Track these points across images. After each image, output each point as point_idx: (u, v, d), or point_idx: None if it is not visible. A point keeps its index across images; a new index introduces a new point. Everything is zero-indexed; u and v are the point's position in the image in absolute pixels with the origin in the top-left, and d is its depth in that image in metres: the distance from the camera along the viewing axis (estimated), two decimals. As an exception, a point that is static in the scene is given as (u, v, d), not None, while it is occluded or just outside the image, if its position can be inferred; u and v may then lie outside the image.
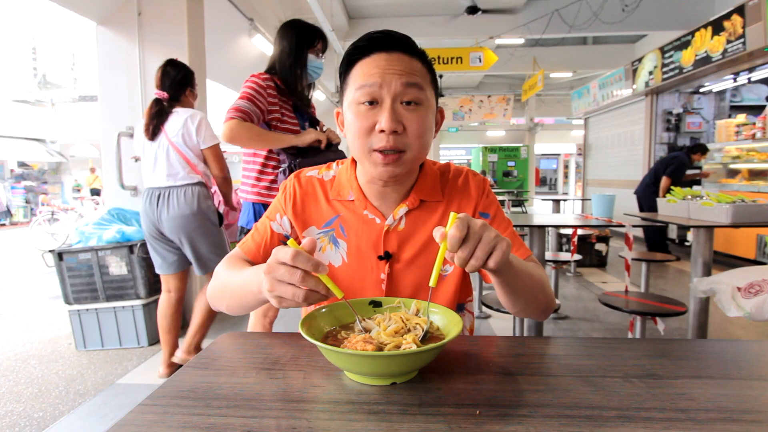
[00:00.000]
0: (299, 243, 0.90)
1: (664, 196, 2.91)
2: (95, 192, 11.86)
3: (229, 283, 0.78)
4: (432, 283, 0.62)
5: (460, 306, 0.92)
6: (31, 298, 4.35)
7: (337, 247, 0.87)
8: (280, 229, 0.89)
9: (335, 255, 0.87)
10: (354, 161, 0.89)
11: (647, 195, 5.30)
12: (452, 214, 0.60)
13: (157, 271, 2.46)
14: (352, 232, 0.86)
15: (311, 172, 0.92)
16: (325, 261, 0.87)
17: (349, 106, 0.78)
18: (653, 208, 4.62)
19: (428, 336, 0.66)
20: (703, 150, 5.31)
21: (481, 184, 0.90)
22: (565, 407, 0.53)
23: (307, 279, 0.58)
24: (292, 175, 0.92)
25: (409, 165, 0.80)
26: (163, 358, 2.43)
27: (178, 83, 2.34)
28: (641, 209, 5.39)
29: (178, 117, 2.27)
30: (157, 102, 2.31)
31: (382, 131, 0.75)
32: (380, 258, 0.85)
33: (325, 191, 0.89)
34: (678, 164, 5.22)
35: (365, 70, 0.76)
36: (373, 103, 0.76)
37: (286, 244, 0.89)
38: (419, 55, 0.79)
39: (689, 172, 5.33)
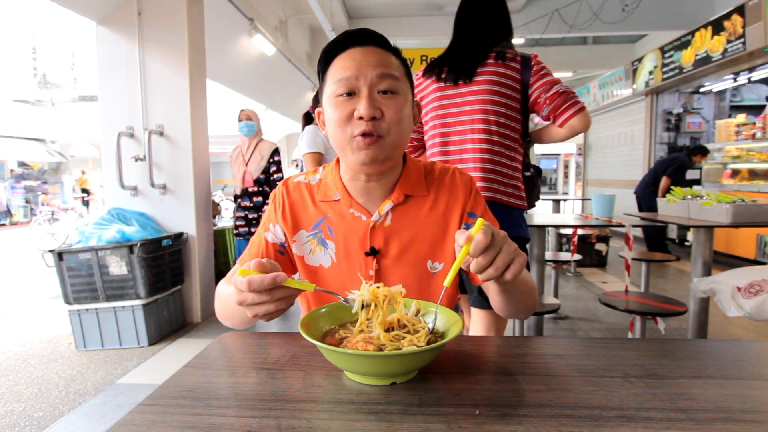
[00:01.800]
0: (291, 250, 0.90)
1: (663, 197, 2.92)
2: (85, 191, 12.85)
3: (227, 303, 0.80)
4: (447, 283, 0.62)
5: (455, 307, 0.92)
6: (31, 298, 4.35)
7: (325, 249, 0.87)
8: (274, 239, 0.90)
9: (324, 256, 0.88)
10: (338, 162, 0.90)
11: (646, 195, 5.32)
12: (480, 220, 0.61)
13: None
14: (340, 232, 0.87)
15: (298, 177, 0.94)
16: (315, 263, 0.88)
17: (328, 100, 0.81)
18: (652, 208, 4.63)
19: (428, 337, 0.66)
20: (703, 152, 5.33)
21: (468, 183, 0.91)
22: (565, 407, 0.53)
23: (274, 293, 0.60)
24: (280, 183, 0.94)
25: (388, 150, 0.80)
26: None
27: (313, 100, 2.98)
28: (640, 209, 5.40)
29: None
30: (305, 113, 2.97)
31: (360, 118, 0.77)
32: (367, 254, 0.85)
33: (312, 195, 0.90)
34: (678, 165, 5.23)
35: (342, 64, 0.79)
36: (351, 94, 0.78)
37: (282, 254, 0.90)
38: (393, 51, 0.83)
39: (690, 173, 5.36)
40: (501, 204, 1.51)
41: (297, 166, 5.33)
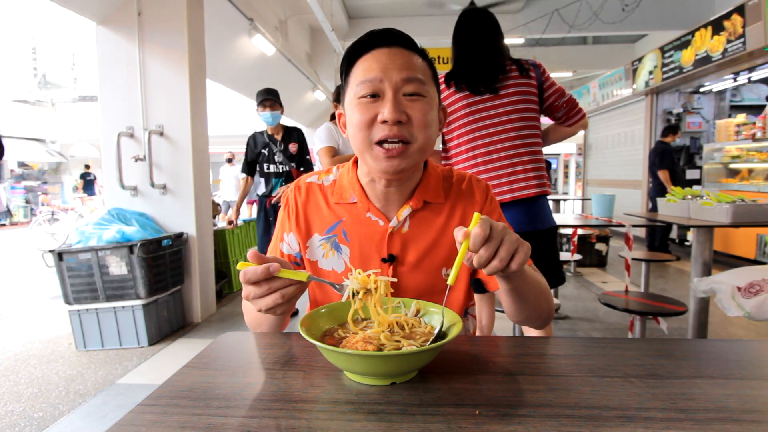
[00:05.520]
0: (305, 257, 0.89)
1: (673, 186, 2.97)
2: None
3: (251, 309, 0.81)
4: (450, 281, 0.61)
5: (464, 311, 0.92)
6: (31, 298, 4.35)
7: (339, 253, 0.85)
8: (290, 250, 0.88)
9: (338, 261, 0.85)
10: (355, 163, 0.88)
11: (659, 195, 5.44)
12: (476, 215, 0.60)
13: None
14: (355, 237, 0.84)
15: (310, 178, 0.91)
16: (329, 268, 0.86)
17: (350, 102, 0.78)
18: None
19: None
20: (674, 130, 5.52)
21: (484, 190, 0.90)
22: (565, 407, 0.53)
23: (271, 284, 0.61)
24: (292, 184, 0.91)
25: (414, 158, 0.77)
26: None
27: (335, 93, 3.10)
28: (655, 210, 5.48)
29: None
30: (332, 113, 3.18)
31: (384, 122, 0.74)
32: (384, 261, 0.83)
33: (326, 196, 0.88)
34: (659, 153, 5.43)
35: (366, 66, 0.76)
36: (375, 96, 0.75)
37: (298, 265, 0.88)
38: (419, 51, 0.79)
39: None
40: (544, 195, 1.74)
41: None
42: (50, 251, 2.85)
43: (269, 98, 3.29)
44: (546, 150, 1.94)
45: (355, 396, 0.57)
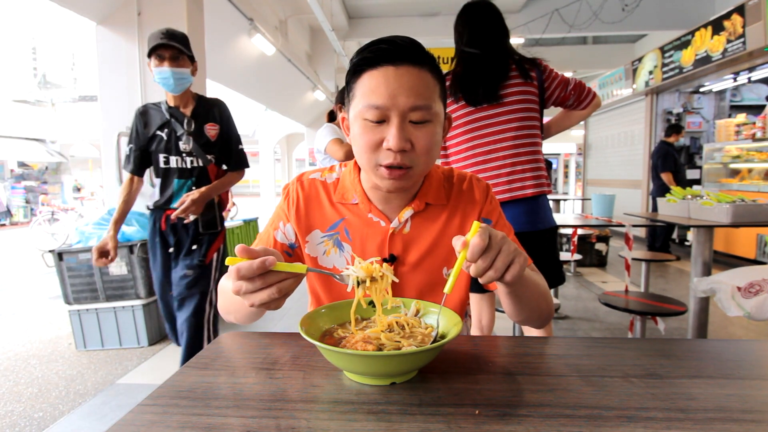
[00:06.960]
0: (303, 251, 0.89)
1: (674, 186, 2.97)
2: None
3: (228, 296, 0.79)
4: (447, 290, 0.61)
5: (465, 312, 0.92)
6: (31, 298, 4.35)
7: (341, 251, 0.86)
8: (284, 239, 0.88)
9: (339, 259, 0.86)
10: (356, 163, 0.88)
11: (662, 194, 5.44)
12: (475, 223, 0.61)
13: None
14: (357, 236, 0.85)
15: (314, 174, 0.91)
16: (329, 265, 0.87)
17: (355, 119, 0.77)
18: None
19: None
20: (677, 130, 5.48)
21: (484, 189, 0.91)
22: (565, 407, 0.53)
23: (267, 278, 0.58)
24: (294, 178, 0.92)
25: (415, 179, 0.80)
26: None
27: (339, 95, 2.96)
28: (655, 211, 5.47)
29: None
30: (330, 111, 3.00)
31: (389, 148, 0.74)
32: (385, 261, 0.84)
33: (329, 194, 0.88)
34: (661, 156, 5.39)
35: (372, 86, 0.73)
36: (381, 120, 0.74)
37: (289, 255, 0.88)
38: (428, 63, 0.76)
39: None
40: (544, 195, 1.72)
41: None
42: (50, 251, 2.85)
43: (169, 45, 1.87)
44: (546, 150, 1.93)
45: (355, 396, 0.57)
